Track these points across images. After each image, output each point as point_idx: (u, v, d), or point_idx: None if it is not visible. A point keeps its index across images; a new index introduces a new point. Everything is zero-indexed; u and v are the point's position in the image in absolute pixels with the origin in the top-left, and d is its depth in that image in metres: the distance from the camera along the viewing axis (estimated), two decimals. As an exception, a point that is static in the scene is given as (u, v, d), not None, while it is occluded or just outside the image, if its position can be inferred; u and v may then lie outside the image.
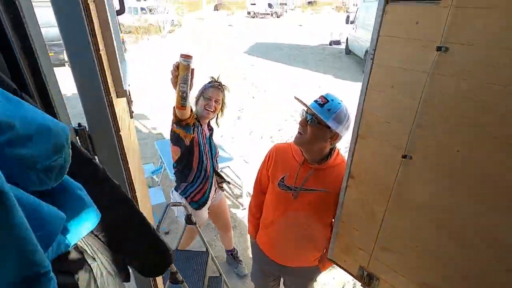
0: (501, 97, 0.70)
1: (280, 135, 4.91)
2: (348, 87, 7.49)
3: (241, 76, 8.52)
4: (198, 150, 1.72)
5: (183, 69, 1.11)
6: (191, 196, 1.81)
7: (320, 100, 1.17)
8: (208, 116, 1.79)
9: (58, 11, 0.49)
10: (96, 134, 0.60)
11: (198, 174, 1.77)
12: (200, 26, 22.10)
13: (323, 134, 1.20)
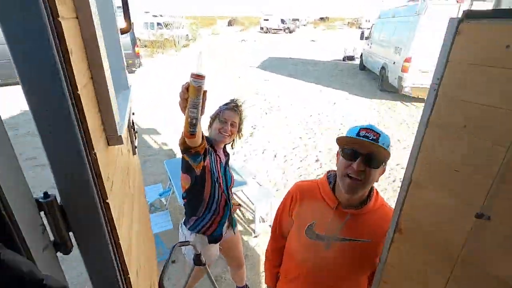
0: None
1: (295, 153, 4.69)
2: (365, 105, 7.25)
3: (253, 91, 8.42)
4: (211, 181, 1.52)
5: (193, 92, 0.91)
6: (202, 231, 1.61)
7: (371, 134, 0.96)
8: (224, 141, 1.61)
9: (7, 32, 0.32)
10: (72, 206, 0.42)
11: (209, 207, 1.57)
12: (214, 41, 22.49)
13: (379, 174, 1.00)
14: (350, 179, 0.99)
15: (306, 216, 1.12)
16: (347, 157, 1.00)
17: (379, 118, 6.31)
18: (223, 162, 1.64)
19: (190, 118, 0.94)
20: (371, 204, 1.09)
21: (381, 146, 0.95)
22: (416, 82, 7.01)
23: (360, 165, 0.96)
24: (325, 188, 1.13)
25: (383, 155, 0.97)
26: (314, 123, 5.97)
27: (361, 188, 1.01)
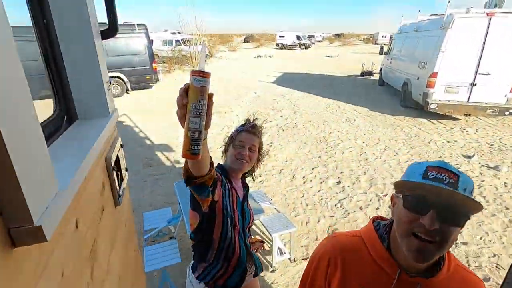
0: None
1: (314, 174, 4.36)
2: (387, 122, 6.86)
3: (269, 107, 8.22)
4: (222, 221, 1.24)
5: (195, 94, 0.67)
6: (213, 280, 1.32)
7: (446, 176, 0.66)
8: (242, 169, 1.35)
9: None
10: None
11: (220, 253, 1.29)
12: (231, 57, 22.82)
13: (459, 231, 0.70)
14: (418, 239, 0.69)
15: (353, 287, 0.82)
16: (412, 209, 0.70)
17: (405, 136, 5.91)
18: (240, 197, 1.37)
19: (191, 131, 0.68)
20: (445, 269, 0.77)
21: (463, 194, 0.65)
22: (443, 98, 6.59)
23: (434, 221, 0.66)
24: (376, 246, 0.82)
25: (469, 207, 0.67)
26: (334, 141, 5.64)
27: (436, 253, 0.70)
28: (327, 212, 3.47)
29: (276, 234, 2.57)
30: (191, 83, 0.67)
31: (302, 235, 3.06)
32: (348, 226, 3.18)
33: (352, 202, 3.65)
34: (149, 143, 5.64)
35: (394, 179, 4.19)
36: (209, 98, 0.71)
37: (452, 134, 6.04)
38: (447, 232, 0.67)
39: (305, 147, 5.39)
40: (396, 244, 0.78)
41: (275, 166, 4.66)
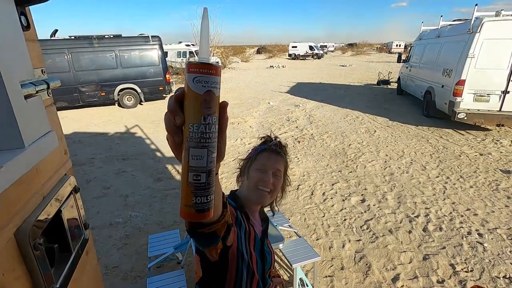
0: None
1: (335, 191, 4.00)
2: (411, 133, 6.42)
3: (284, 118, 7.93)
4: (236, 271, 0.93)
5: (196, 107, 0.38)
6: None
7: None
8: (263, 202, 1.05)
9: None
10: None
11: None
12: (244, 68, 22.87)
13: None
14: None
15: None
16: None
17: (431, 149, 5.46)
18: (258, 234, 1.07)
19: (195, 172, 0.39)
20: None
21: None
22: (472, 107, 6.11)
23: None
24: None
25: None
26: (354, 154, 5.26)
27: None
28: (352, 235, 3.09)
29: (297, 265, 2.23)
30: (188, 87, 0.38)
31: (325, 263, 2.70)
32: (377, 252, 2.80)
33: (380, 224, 3.26)
34: (160, 156, 5.45)
35: (425, 197, 3.77)
36: (221, 109, 0.42)
37: (484, 146, 5.54)
38: None
39: (323, 160, 5.04)
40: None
41: (292, 181, 4.32)
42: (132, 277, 2.54)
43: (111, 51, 9.22)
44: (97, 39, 9.05)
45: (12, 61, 0.42)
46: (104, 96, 9.51)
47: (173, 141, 0.42)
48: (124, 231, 3.19)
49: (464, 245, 2.87)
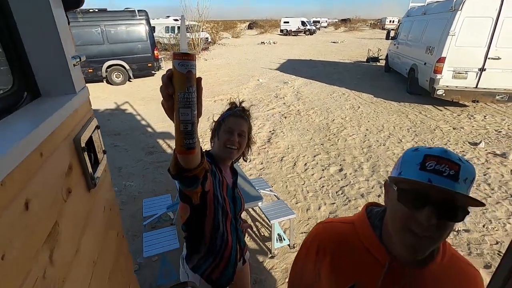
0: None
1: (316, 162, 4.32)
2: (393, 109, 6.73)
3: (273, 94, 8.11)
4: (214, 212, 1.20)
5: (181, 82, 0.59)
6: (206, 274, 1.30)
7: (446, 167, 0.60)
8: (231, 157, 1.30)
9: None
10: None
11: (213, 243, 1.26)
12: (234, 44, 22.48)
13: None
14: (413, 235, 0.65)
15: (343, 274, 0.79)
16: (407, 204, 0.65)
17: (409, 123, 5.80)
18: (229, 184, 1.33)
19: (183, 123, 0.61)
20: (439, 258, 0.74)
21: (461, 193, 0.59)
22: (450, 84, 6.41)
23: (431, 218, 0.61)
24: (367, 234, 0.78)
25: (469, 203, 0.62)
26: (337, 129, 5.56)
27: (431, 247, 0.66)
28: (328, 199, 3.44)
29: (275, 221, 2.56)
30: (175, 69, 0.59)
31: (302, 222, 3.06)
32: (349, 213, 3.16)
33: (354, 190, 3.61)
34: (151, 131, 5.63)
35: (397, 166, 4.13)
36: (198, 82, 0.64)
37: (459, 121, 5.90)
38: (444, 227, 0.62)
39: (307, 135, 5.33)
40: (387, 233, 0.74)
41: (277, 154, 4.62)
42: (129, 236, 2.84)
43: (97, 26, 9.03)
44: (82, 14, 8.82)
45: (67, 44, 0.68)
46: (92, 73, 9.42)
47: (167, 105, 0.65)
48: (120, 199, 3.46)
49: (425, 206, 3.26)
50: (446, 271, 0.73)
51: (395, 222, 0.68)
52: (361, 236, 0.79)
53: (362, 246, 0.78)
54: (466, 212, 0.62)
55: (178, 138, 0.64)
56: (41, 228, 0.44)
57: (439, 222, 0.61)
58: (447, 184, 0.58)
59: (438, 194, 0.60)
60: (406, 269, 0.72)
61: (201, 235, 1.23)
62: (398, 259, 0.73)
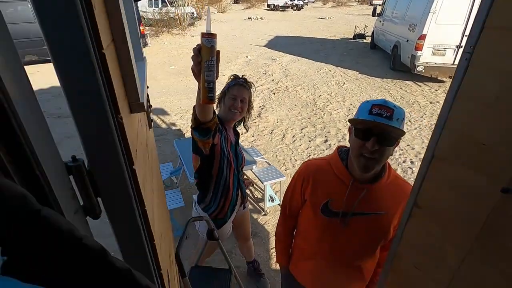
0: None
1: (303, 134, 4.66)
2: (376, 85, 7.07)
3: (261, 71, 8.26)
4: (220, 160, 1.51)
5: (207, 53, 0.85)
6: (214, 215, 1.63)
7: (384, 111, 0.92)
8: (234, 118, 1.58)
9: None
10: (100, 171, 0.41)
11: (218, 186, 1.58)
12: (221, 19, 21.91)
13: (392, 149, 0.98)
14: (364, 158, 0.97)
15: (321, 195, 1.12)
16: (360, 137, 0.97)
17: (390, 98, 6.17)
18: (233, 142, 1.63)
19: (207, 82, 0.87)
20: (385, 177, 1.08)
21: (393, 126, 0.91)
22: (430, 61, 6.76)
23: (374, 144, 0.93)
24: (337, 164, 1.11)
25: (397, 133, 0.94)
26: (323, 104, 5.87)
27: (376, 165, 0.99)
28: (314, 166, 3.81)
29: (267, 183, 2.90)
30: (202, 44, 0.85)
31: (290, 186, 3.42)
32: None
33: (337, 157, 3.99)
34: (144, 107, 5.77)
35: (376, 137, 4.52)
36: (217, 54, 0.89)
37: (436, 96, 6.32)
38: (384, 150, 0.95)
39: (295, 109, 5.62)
40: (351, 162, 1.06)
41: (267, 127, 4.92)
42: (135, 201, 3.14)
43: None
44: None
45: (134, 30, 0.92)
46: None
47: (196, 69, 0.90)
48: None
49: (398, 169, 3.69)
50: (390, 186, 1.07)
51: (353, 151, 1.00)
52: (333, 166, 1.12)
53: (333, 173, 1.11)
54: (396, 139, 0.95)
55: (203, 92, 0.90)
56: (145, 135, 0.71)
57: (380, 147, 0.93)
58: (384, 122, 0.90)
59: (379, 128, 0.92)
60: (363, 185, 1.05)
61: (210, 178, 1.54)
62: (357, 180, 1.06)
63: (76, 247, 0.27)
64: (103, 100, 0.38)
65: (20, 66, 0.30)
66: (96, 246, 0.30)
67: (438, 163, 0.83)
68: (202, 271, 1.65)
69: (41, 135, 0.32)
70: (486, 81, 0.69)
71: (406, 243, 0.99)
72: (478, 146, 0.73)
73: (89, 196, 0.42)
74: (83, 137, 0.41)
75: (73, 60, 0.34)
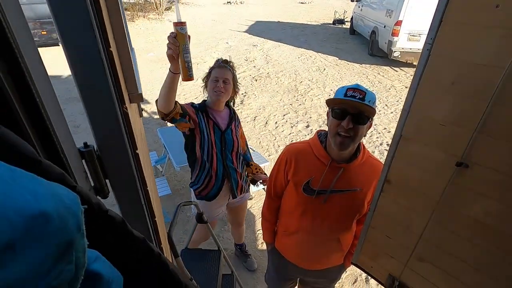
0: None
1: (285, 120, 4.75)
2: (355, 70, 7.24)
3: (242, 58, 8.20)
4: (200, 143, 1.62)
5: (183, 38, 1.00)
6: (197, 191, 1.72)
7: (357, 93, 1.02)
8: (220, 99, 1.63)
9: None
10: (108, 156, 0.46)
11: (202, 167, 1.67)
12: (198, 3, 21.22)
13: (366, 129, 1.08)
14: (340, 136, 1.07)
15: (302, 175, 1.21)
16: (337, 117, 1.07)
17: (368, 83, 6.37)
18: (220, 126, 1.67)
19: (187, 63, 1.02)
20: (360, 157, 1.18)
21: (366, 104, 1.01)
22: (405, 46, 6.98)
23: (349, 123, 1.04)
24: (317, 147, 1.20)
25: (369, 112, 1.04)
26: (304, 90, 5.97)
27: (352, 143, 1.09)
28: (296, 151, 3.93)
29: (252, 168, 2.98)
30: (177, 31, 0.98)
31: (274, 170, 3.53)
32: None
33: (318, 142, 4.13)
34: (123, 96, 5.63)
35: (355, 121, 4.70)
36: (188, 37, 1.03)
37: (411, 81, 6.57)
38: (358, 129, 1.05)
39: (277, 96, 5.69)
40: (329, 143, 1.16)
41: (249, 114, 4.97)
42: (120, 191, 3.14)
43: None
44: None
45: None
46: (46, 35, 8.68)
47: (174, 53, 1.02)
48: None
49: (376, 151, 3.89)
50: (364, 165, 1.18)
51: (330, 131, 1.10)
52: (313, 148, 1.21)
53: (313, 154, 1.20)
54: (369, 119, 1.05)
55: (184, 72, 1.04)
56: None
57: (354, 126, 1.03)
58: (358, 101, 0.99)
59: (353, 108, 1.01)
60: (340, 165, 1.15)
61: (194, 157, 1.64)
62: (335, 160, 1.16)
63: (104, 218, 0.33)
64: (112, 94, 0.42)
65: (37, 53, 0.34)
66: (118, 217, 0.36)
67: (404, 143, 0.94)
68: (193, 252, 1.73)
69: (61, 124, 0.37)
70: (444, 68, 0.78)
71: (379, 215, 1.11)
72: (437, 126, 0.83)
73: (99, 178, 0.47)
74: (93, 126, 0.46)
75: (86, 60, 0.39)
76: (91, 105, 0.43)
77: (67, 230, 0.18)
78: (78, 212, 0.21)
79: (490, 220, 0.81)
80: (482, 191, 0.81)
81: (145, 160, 0.78)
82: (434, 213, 0.93)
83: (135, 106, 0.75)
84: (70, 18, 0.36)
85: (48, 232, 0.16)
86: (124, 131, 0.47)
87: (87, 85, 0.41)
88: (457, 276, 0.94)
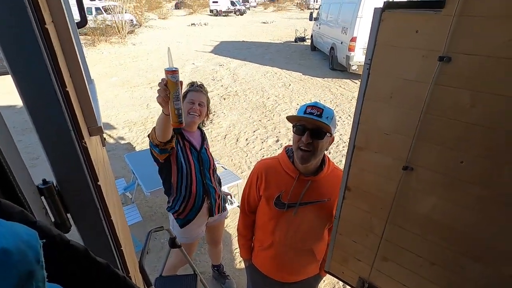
0: (508, 109, 0.68)
1: (256, 136, 4.84)
2: (318, 84, 7.62)
3: (209, 77, 8.30)
4: (177, 170, 1.60)
5: (173, 86, 0.99)
6: (175, 215, 1.69)
7: (315, 111, 1.11)
8: (195, 121, 1.66)
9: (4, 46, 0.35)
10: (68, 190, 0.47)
11: (179, 193, 1.64)
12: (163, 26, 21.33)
13: (326, 144, 1.16)
14: (301, 151, 1.14)
15: (273, 189, 1.26)
16: (297, 132, 1.15)
17: (331, 96, 6.72)
18: (196, 146, 1.68)
19: (177, 110, 1.01)
20: (325, 170, 1.26)
21: (322, 122, 1.10)
22: (362, 60, 7.51)
23: (308, 138, 1.11)
24: (285, 162, 1.26)
25: (326, 128, 1.13)
26: (272, 105, 6.15)
27: (312, 157, 1.17)
28: (269, 165, 4.00)
29: (225, 187, 2.98)
30: (168, 79, 0.99)
31: (248, 187, 3.55)
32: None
33: (289, 155, 4.24)
34: (87, 123, 5.40)
35: (322, 132, 4.91)
36: (181, 85, 1.04)
37: (369, 91, 7.04)
38: (318, 144, 1.13)
39: (246, 113, 5.79)
40: (295, 157, 1.22)
41: (220, 133, 4.99)
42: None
43: None
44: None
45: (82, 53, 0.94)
46: None
47: (164, 101, 1.03)
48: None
49: (342, 160, 4.07)
50: (329, 176, 1.26)
51: (293, 145, 1.17)
52: (282, 163, 1.27)
53: (283, 169, 1.26)
54: (325, 134, 1.13)
55: (174, 118, 1.04)
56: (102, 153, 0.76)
57: (313, 141, 1.10)
58: (315, 118, 1.08)
59: (311, 124, 1.09)
60: (308, 178, 1.22)
61: (170, 180, 1.62)
62: (302, 173, 1.22)
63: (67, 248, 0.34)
64: (69, 130, 0.44)
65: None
66: (81, 246, 0.37)
67: (358, 152, 1.03)
68: (167, 280, 1.68)
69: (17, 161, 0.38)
70: (382, 83, 0.89)
71: (344, 221, 1.18)
72: (383, 135, 0.93)
73: (60, 213, 0.47)
74: (51, 162, 0.46)
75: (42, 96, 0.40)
76: (48, 143, 0.44)
77: (27, 262, 0.20)
78: (37, 246, 0.23)
79: (436, 215, 0.90)
80: (426, 190, 0.90)
81: (109, 190, 0.78)
82: (390, 214, 1.01)
83: (97, 137, 0.76)
84: (19, 50, 0.38)
85: (9, 264, 0.19)
86: (84, 165, 0.48)
87: (44, 123, 0.42)
88: (417, 272, 1.02)
